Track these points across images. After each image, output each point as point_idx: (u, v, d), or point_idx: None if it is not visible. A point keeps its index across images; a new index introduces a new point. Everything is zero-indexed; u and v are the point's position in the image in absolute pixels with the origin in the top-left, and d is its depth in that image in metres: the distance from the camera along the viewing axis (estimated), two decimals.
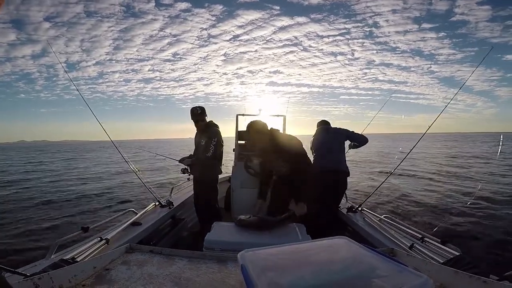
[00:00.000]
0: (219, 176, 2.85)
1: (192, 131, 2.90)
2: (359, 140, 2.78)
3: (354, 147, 2.88)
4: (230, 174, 3.30)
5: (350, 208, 2.56)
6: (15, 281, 0.71)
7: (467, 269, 0.91)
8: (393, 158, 15.89)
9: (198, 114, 2.68)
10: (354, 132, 2.78)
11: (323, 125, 2.91)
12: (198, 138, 2.77)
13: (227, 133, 3.34)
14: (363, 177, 9.55)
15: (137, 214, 2.26)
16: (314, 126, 3.01)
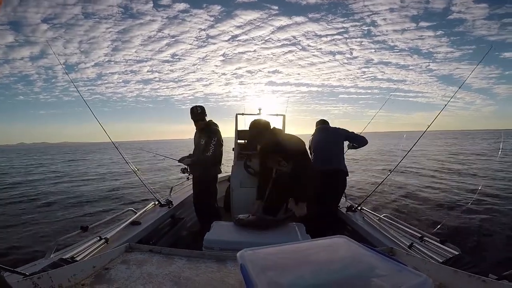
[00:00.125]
0: (219, 175, 2.85)
1: (191, 132, 2.89)
2: (358, 141, 2.77)
3: (353, 148, 2.87)
4: (230, 173, 3.30)
5: (349, 207, 2.56)
6: (15, 280, 0.71)
7: (467, 268, 0.91)
8: (393, 156, 15.90)
9: (198, 114, 2.67)
10: (353, 133, 2.77)
11: (322, 124, 2.90)
12: (197, 138, 2.76)
13: (227, 133, 3.34)
14: (363, 176, 9.55)
15: (136, 213, 2.26)
16: (314, 125, 3.01)
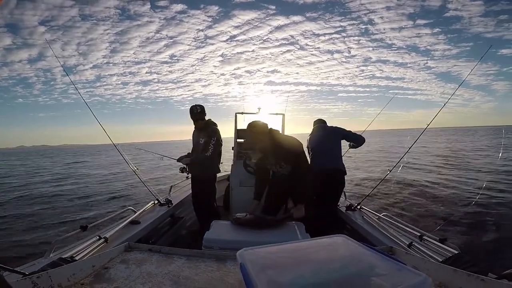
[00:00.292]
0: (218, 174, 2.85)
1: (191, 133, 2.87)
2: (357, 140, 2.78)
3: (353, 147, 2.89)
4: (229, 172, 3.29)
5: (349, 206, 2.57)
6: (14, 279, 0.71)
7: (466, 267, 0.91)
8: (394, 154, 15.90)
9: (198, 113, 2.67)
10: (351, 131, 2.78)
11: (320, 124, 2.91)
12: (196, 137, 2.76)
13: (226, 133, 3.34)
14: (363, 174, 9.55)
15: (136, 212, 2.26)
16: (313, 124, 3.01)
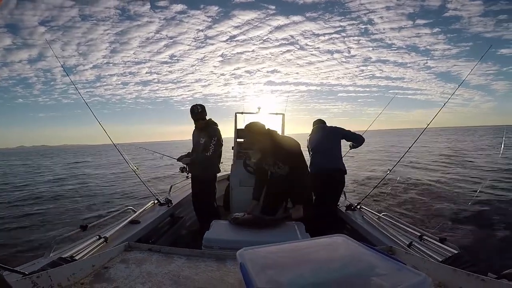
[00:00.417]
0: (218, 174, 2.84)
1: (191, 133, 2.86)
2: (356, 139, 2.79)
3: (354, 147, 2.90)
4: (229, 172, 3.29)
5: (348, 206, 2.57)
6: (14, 279, 0.71)
7: (466, 267, 0.91)
8: (395, 153, 15.90)
9: (198, 113, 2.67)
10: (350, 131, 2.79)
11: (319, 124, 2.91)
12: (197, 137, 2.75)
13: (226, 133, 3.34)
14: (363, 174, 9.56)
15: (135, 212, 2.26)
16: (312, 124, 3.02)
